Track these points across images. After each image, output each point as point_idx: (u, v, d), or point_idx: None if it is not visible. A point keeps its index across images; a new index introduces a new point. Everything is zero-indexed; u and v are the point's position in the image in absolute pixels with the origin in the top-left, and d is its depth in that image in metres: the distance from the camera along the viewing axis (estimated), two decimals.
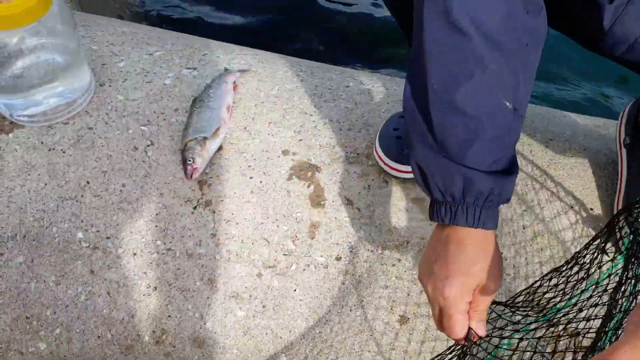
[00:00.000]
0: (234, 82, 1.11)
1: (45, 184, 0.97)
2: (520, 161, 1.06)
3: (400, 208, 1.00)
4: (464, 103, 0.61)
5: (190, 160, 0.96)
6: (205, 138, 0.99)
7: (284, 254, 0.96)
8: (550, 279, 0.77)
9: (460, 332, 0.65)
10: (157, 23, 1.93)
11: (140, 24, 1.73)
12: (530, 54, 0.64)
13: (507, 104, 0.62)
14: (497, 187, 0.62)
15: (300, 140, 1.04)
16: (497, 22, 0.59)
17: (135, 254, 0.94)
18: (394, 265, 0.97)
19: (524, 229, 1.00)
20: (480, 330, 0.66)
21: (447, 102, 0.61)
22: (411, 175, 0.99)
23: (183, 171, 0.97)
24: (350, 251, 0.97)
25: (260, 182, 1.00)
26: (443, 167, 0.63)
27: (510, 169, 0.65)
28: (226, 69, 1.15)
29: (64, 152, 0.99)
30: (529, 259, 0.98)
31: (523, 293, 0.81)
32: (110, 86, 1.08)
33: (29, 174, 0.97)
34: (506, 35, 0.60)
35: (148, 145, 1.02)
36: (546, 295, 0.77)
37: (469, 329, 0.65)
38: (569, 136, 1.13)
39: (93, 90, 1.06)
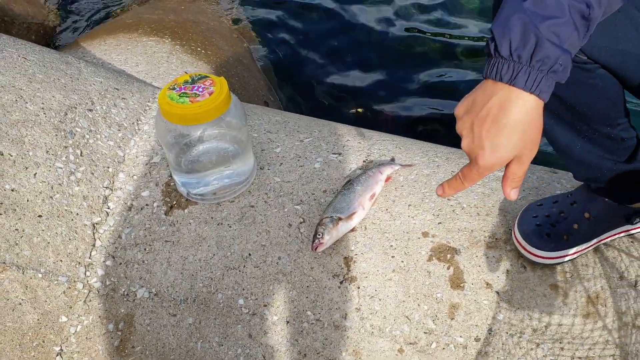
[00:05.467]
0: (390, 174, 1.19)
1: (214, 254, 1.11)
2: None
3: (539, 293, 1.02)
4: None
5: (319, 235, 1.06)
6: (339, 219, 1.08)
7: (424, 332, 1.01)
8: None
9: (467, 185, 0.69)
10: (295, 107, 2.14)
11: (283, 110, 1.93)
12: None
13: None
14: (563, 59, 0.62)
15: (439, 223, 1.11)
16: None
17: (288, 322, 1.04)
18: (532, 349, 0.99)
19: None
20: (513, 195, 0.68)
21: None
22: (551, 261, 1.02)
23: (311, 242, 1.07)
24: (489, 333, 1.00)
25: (402, 261, 1.08)
26: (525, 24, 0.62)
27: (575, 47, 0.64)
28: (393, 159, 1.25)
29: (230, 226, 1.14)
30: None
31: None
32: (269, 169, 1.24)
33: (200, 245, 1.13)
34: None
35: (301, 223, 1.14)
36: None
37: None
38: None
39: (255, 173, 1.22)
